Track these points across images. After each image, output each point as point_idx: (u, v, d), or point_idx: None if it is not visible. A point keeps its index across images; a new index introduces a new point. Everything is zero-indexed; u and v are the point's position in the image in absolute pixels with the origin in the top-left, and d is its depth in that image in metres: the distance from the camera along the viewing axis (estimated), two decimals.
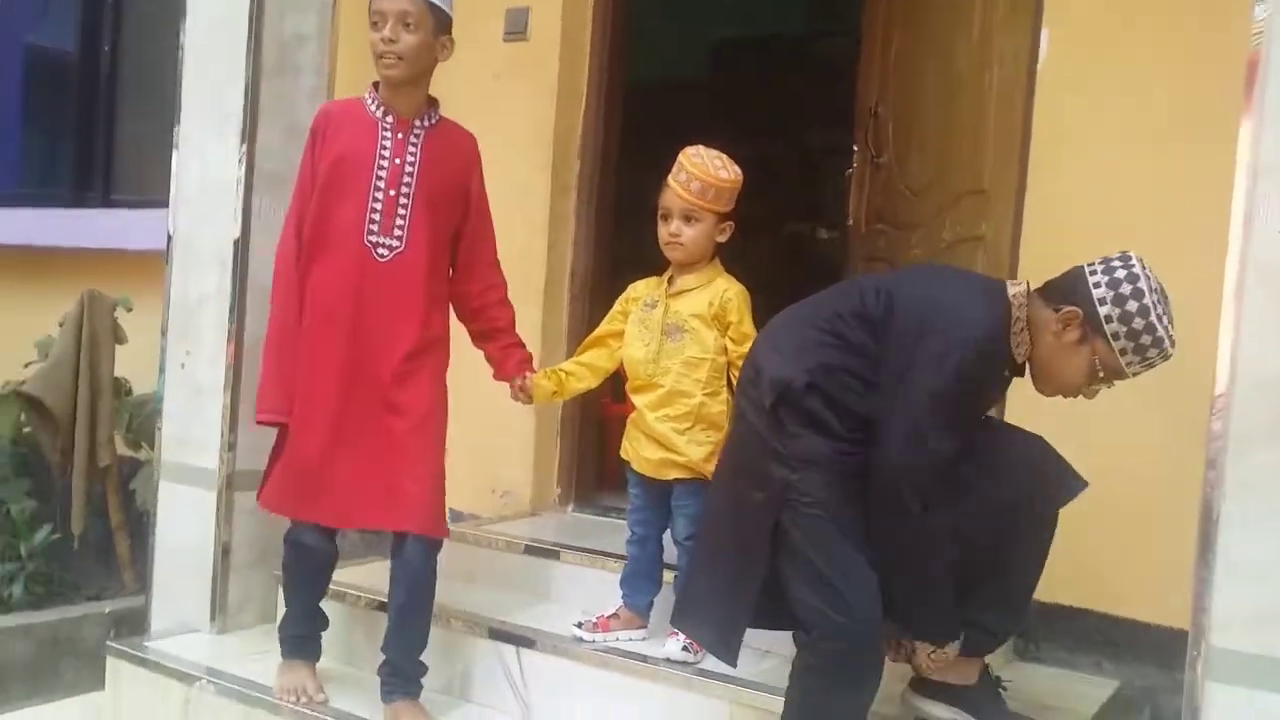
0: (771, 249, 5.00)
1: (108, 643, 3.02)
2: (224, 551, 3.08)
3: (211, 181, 3.19)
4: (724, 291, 2.55)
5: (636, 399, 2.61)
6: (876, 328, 2.01)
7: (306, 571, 2.61)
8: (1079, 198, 2.73)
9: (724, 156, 2.54)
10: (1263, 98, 1.86)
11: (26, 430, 4.05)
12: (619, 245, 3.83)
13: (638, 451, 2.62)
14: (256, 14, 3.10)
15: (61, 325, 4.05)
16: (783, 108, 5.22)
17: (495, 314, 2.61)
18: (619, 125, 3.77)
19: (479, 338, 2.64)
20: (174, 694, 2.79)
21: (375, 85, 2.47)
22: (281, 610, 2.81)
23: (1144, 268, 1.98)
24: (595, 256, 3.69)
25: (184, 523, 3.16)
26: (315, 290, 2.44)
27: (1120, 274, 1.97)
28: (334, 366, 2.41)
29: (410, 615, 2.50)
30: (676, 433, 2.53)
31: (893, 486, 1.94)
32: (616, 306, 2.71)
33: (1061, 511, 2.18)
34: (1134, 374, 2.01)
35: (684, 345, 2.54)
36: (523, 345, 2.67)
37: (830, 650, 1.96)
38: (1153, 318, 1.93)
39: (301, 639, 2.65)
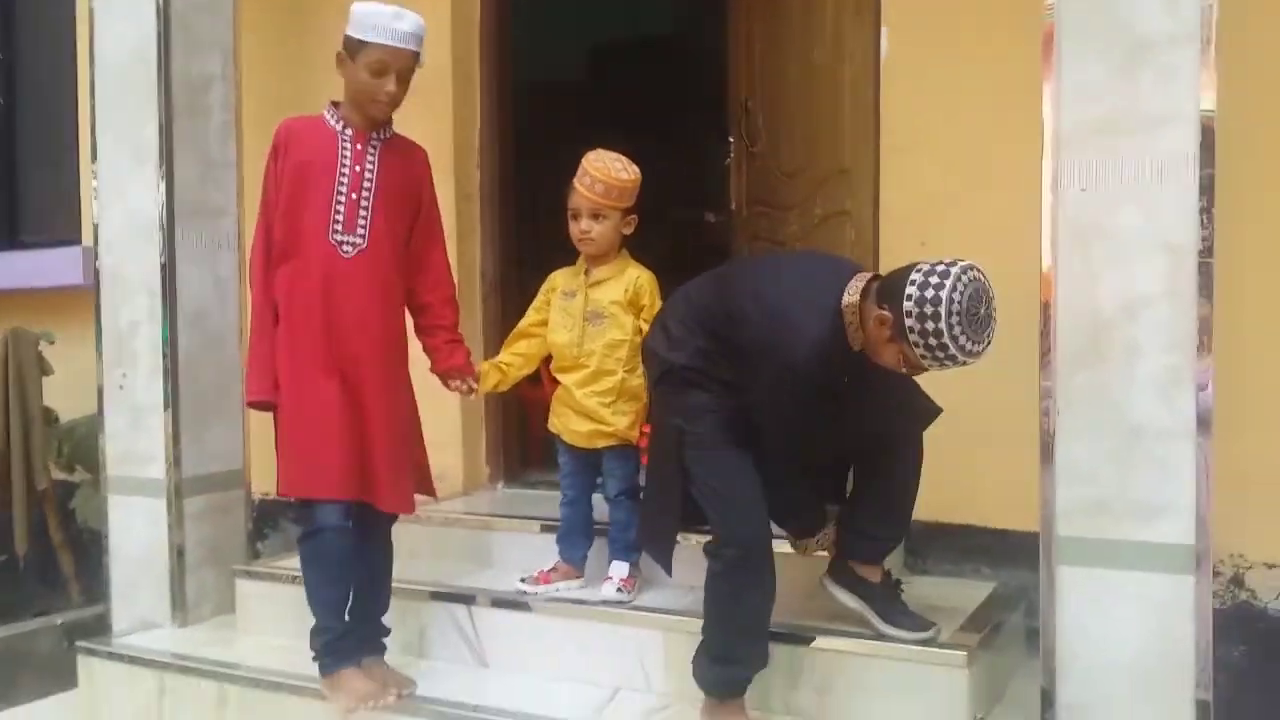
0: (669, 234, 5.32)
1: (78, 643, 3.21)
2: (179, 553, 3.30)
3: (134, 216, 3.39)
4: (636, 279, 2.87)
5: (564, 378, 2.92)
6: (738, 326, 2.42)
7: (331, 561, 2.63)
8: (924, 173, 3.11)
9: (623, 159, 2.84)
10: (1059, 67, 2.24)
11: None
12: (524, 243, 4.12)
13: (567, 425, 2.92)
14: (164, 59, 3.31)
15: None
16: (664, 103, 5.56)
17: (442, 311, 2.83)
18: (512, 133, 4.06)
19: (423, 331, 2.84)
20: (147, 682, 3.01)
21: (334, 104, 2.71)
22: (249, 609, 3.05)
23: (958, 282, 2.15)
24: (500, 257, 3.98)
25: (135, 531, 3.36)
26: (290, 285, 2.64)
27: (930, 290, 2.16)
28: (316, 354, 2.62)
29: (379, 579, 2.78)
30: (603, 406, 2.85)
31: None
32: (538, 298, 3.00)
33: (940, 440, 2.58)
34: (932, 369, 2.29)
35: (605, 329, 2.85)
36: (463, 342, 2.86)
37: (729, 556, 2.40)
38: (946, 338, 2.14)
39: (340, 643, 2.66)
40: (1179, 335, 2.17)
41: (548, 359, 2.99)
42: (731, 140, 4.01)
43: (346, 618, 2.68)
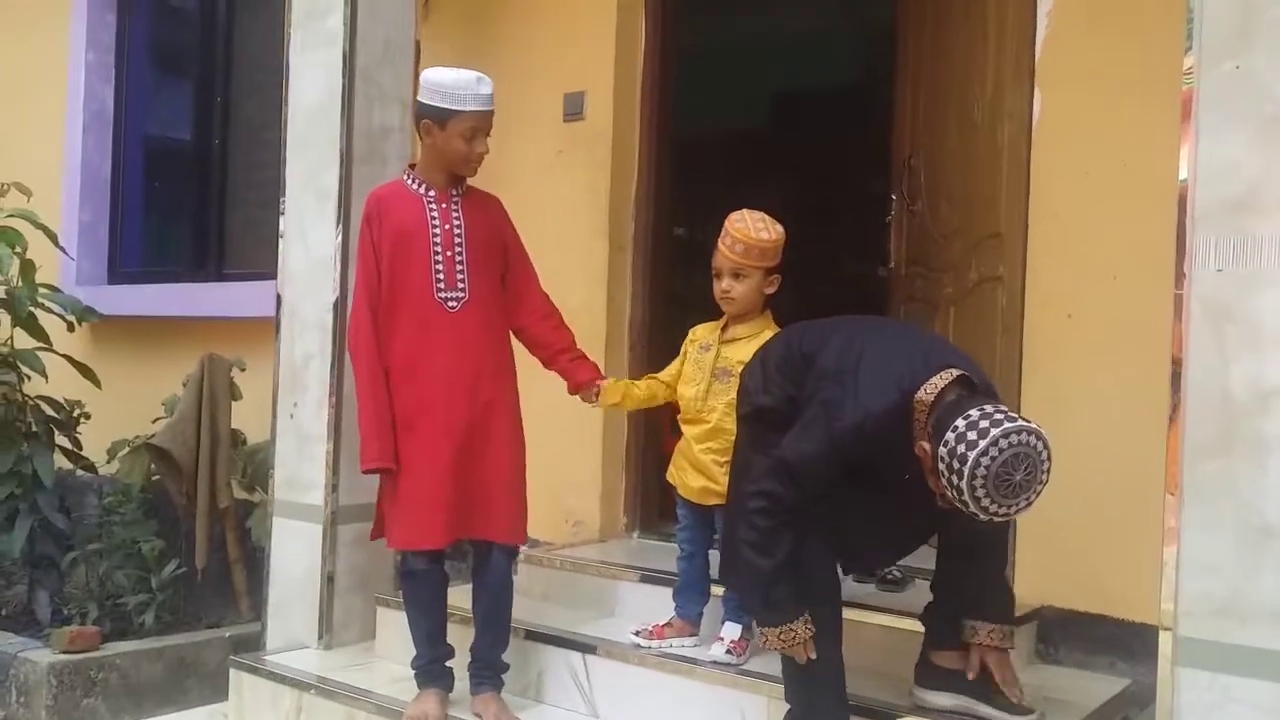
0: (831, 289, 5.30)
1: (231, 658, 3.46)
2: (329, 578, 3.50)
3: (313, 258, 3.65)
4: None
5: (686, 429, 2.96)
6: (811, 369, 2.42)
7: (425, 599, 2.89)
8: (1072, 242, 2.99)
9: (766, 218, 2.86)
10: (1196, 137, 2.12)
11: (155, 478, 4.55)
12: (677, 290, 4.20)
13: (683, 479, 2.96)
14: (347, 108, 3.57)
15: (185, 384, 4.56)
16: (829, 158, 5.55)
17: (555, 336, 2.99)
18: (670, 185, 4.14)
19: (548, 362, 3.01)
20: (287, 701, 3.20)
21: (411, 166, 2.91)
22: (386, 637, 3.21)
23: (994, 446, 2.07)
24: (650, 306, 4.06)
25: (294, 554, 3.58)
26: (402, 345, 2.81)
27: (963, 446, 2.09)
28: (434, 408, 2.78)
29: (497, 614, 2.90)
30: (716, 464, 2.86)
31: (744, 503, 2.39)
32: (682, 349, 3.04)
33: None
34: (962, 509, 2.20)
35: (730, 388, 2.84)
36: (587, 357, 3.04)
37: None
38: (967, 496, 2.10)
39: (430, 668, 2.89)
40: None
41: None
42: (894, 198, 3.98)
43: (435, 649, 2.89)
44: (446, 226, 2.84)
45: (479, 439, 2.81)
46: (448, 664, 2.94)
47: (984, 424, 2.10)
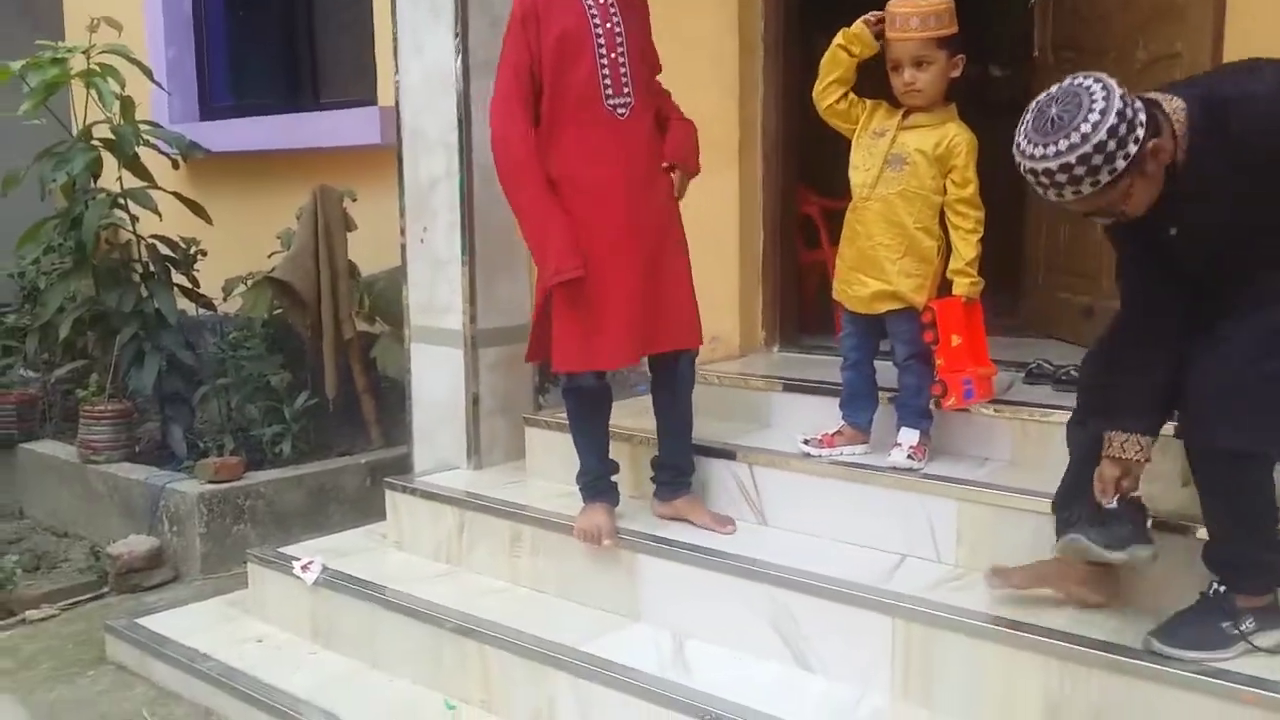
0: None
1: (386, 479, 3.46)
2: (474, 400, 3.47)
3: (432, 73, 3.47)
4: (954, 136, 2.68)
5: (852, 224, 2.80)
6: None
7: (591, 414, 2.85)
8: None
9: None
10: None
11: (277, 311, 4.53)
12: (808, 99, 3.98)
13: (848, 291, 2.83)
14: None
15: (299, 217, 4.48)
16: None
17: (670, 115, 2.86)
18: None
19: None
20: (448, 518, 3.20)
21: None
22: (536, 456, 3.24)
23: (1055, 84, 1.95)
24: (783, 114, 3.84)
25: (436, 379, 3.54)
26: (571, 158, 2.66)
27: None
28: (614, 224, 2.67)
29: (687, 418, 2.88)
30: (889, 260, 2.73)
31: None
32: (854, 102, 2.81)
33: None
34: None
35: (903, 175, 2.70)
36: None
37: None
38: (1018, 136, 1.96)
39: (597, 483, 2.86)
40: None
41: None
42: None
43: (602, 464, 2.87)
44: (609, 27, 2.67)
45: (660, 251, 2.73)
46: (613, 479, 2.92)
47: None
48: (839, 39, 2.73)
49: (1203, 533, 2.17)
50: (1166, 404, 2.13)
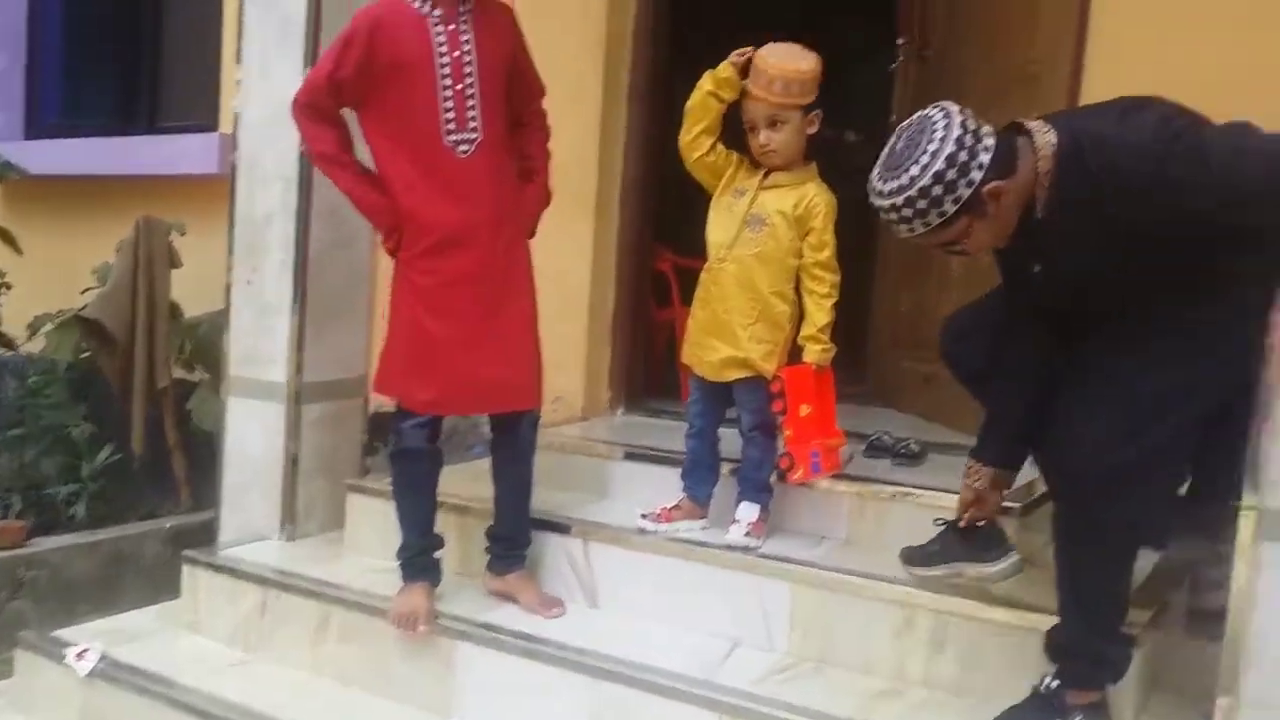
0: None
1: (184, 553, 3.05)
2: (293, 461, 3.12)
3: (278, 99, 3.15)
4: (813, 196, 2.57)
5: (706, 287, 2.67)
6: None
7: (420, 481, 2.62)
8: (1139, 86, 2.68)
9: (797, 47, 2.53)
10: None
11: (85, 355, 4.10)
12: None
13: (699, 355, 2.68)
14: None
15: (118, 250, 4.09)
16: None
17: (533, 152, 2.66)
18: (665, 34, 3.72)
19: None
20: (250, 597, 2.83)
21: None
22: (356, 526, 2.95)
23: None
24: (642, 159, 3.67)
25: (252, 436, 3.18)
26: (409, 192, 2.45)
27: None
28: (452, 266, 2.45)
29: (527, 483, 2.66)
30: (741, 326, 2.59)
31: None
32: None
33: None
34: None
35: (761, 237, 2.58)
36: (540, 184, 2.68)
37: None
38: None
39: (418, 559, 2.62)
40: None
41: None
42: (901, 41, 3.66)
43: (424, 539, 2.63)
44: (456, 55, 2.42)
45: (501, 302, 2.50)
46: (436, 555, 2.65)
47: None
48: (708, 84, 2.57)
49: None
50: (1025, 436, 2.10)
